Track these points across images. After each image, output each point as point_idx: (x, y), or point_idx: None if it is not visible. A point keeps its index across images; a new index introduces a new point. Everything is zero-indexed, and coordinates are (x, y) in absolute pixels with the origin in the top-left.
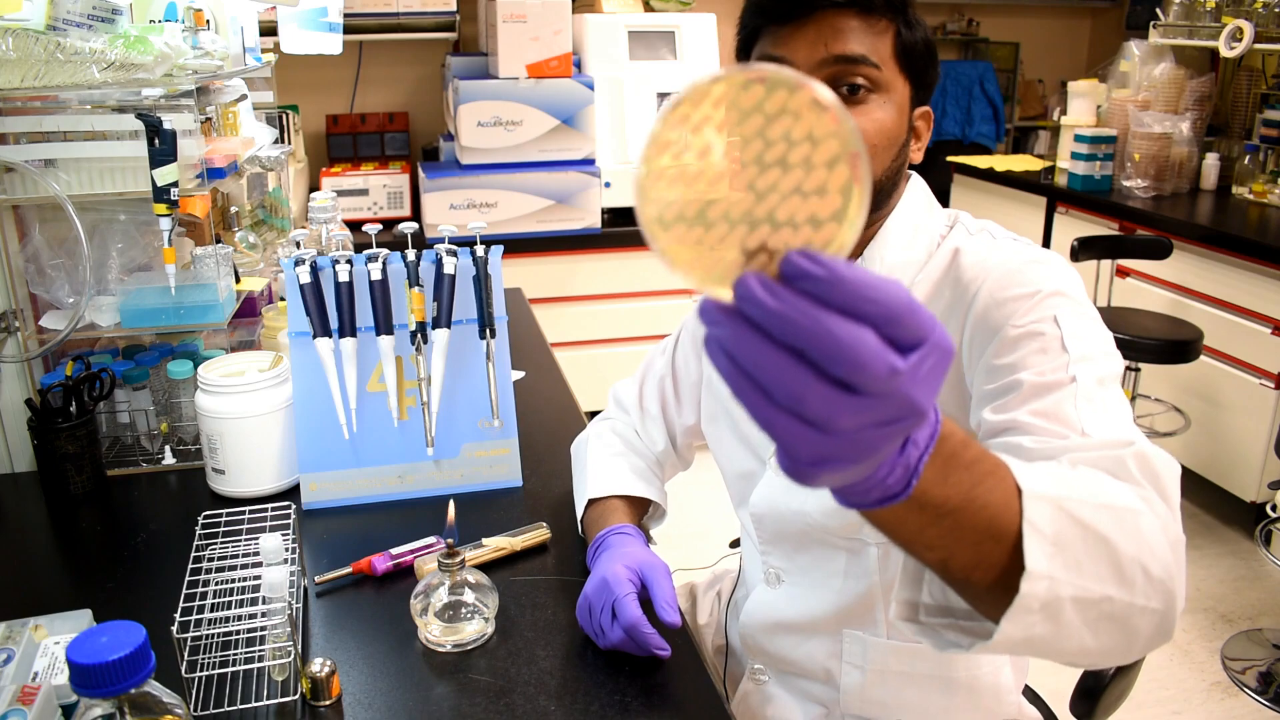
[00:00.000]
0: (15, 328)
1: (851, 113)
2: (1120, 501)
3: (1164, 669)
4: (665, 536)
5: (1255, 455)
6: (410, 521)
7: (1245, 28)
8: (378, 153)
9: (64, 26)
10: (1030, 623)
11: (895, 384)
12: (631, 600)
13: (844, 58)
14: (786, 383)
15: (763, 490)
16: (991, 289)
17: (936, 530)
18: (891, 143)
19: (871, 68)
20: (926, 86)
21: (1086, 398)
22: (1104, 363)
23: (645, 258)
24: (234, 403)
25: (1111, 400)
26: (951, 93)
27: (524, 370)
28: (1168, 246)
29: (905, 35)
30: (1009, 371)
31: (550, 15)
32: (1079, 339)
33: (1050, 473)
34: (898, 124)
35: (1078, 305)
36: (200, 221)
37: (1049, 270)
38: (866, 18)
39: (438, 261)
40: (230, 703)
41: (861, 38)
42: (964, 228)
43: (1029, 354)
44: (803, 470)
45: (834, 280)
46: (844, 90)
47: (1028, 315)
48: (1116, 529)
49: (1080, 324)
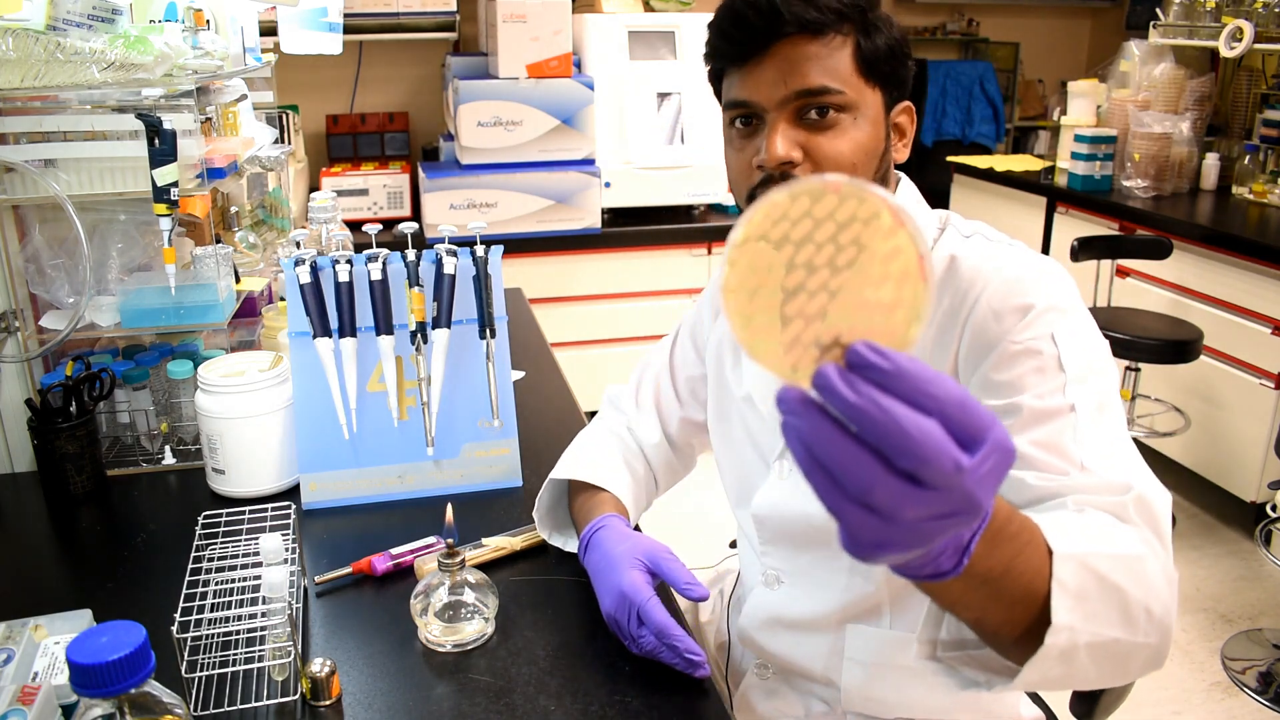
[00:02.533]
0: (15, 328)
1: (822, 138)
2: (1130, 550)
3: (1164, 669)
4: (666, 537)
5: (1255, 455)
6: (410, 521)
7: (1245, 28)
8: (378, 153)
9: (64, 26)
10: (1048, 667)
11: (959, 480)
12: (655, 605)
13: (804, 92)
14: (856, 473)
15: (767, 493)
16: (990, 299)
17: (977, 595)
18: (870, 155)
19: (834, 94)
20: (901, 84)
21: (1086, 426)
22: (1100, 381)
23: (645, 258)
24: (234, 403)
25: (1109, 427)
26: (951, 93)
27: (524, 370)
28: (1168, 246)
29: (866, 46)
30: (1008, 391)
31: (550, 15)
32: (1076, 357)
33: (1071, 525)
34: (873, 136)
35: (1075, 318)
36: (200, 221)
37: (1047, 282)
38: (821, 40)
39: (438, 261)
40: (230, 703)
41: (820, 65)
42: (956, 230)
43: (1027, 373)
44: (863, 552)
45: (898, 373)
46: (812, 116)
47: (1026, 331)
48: (1128, 577)
49: (1077, 340)
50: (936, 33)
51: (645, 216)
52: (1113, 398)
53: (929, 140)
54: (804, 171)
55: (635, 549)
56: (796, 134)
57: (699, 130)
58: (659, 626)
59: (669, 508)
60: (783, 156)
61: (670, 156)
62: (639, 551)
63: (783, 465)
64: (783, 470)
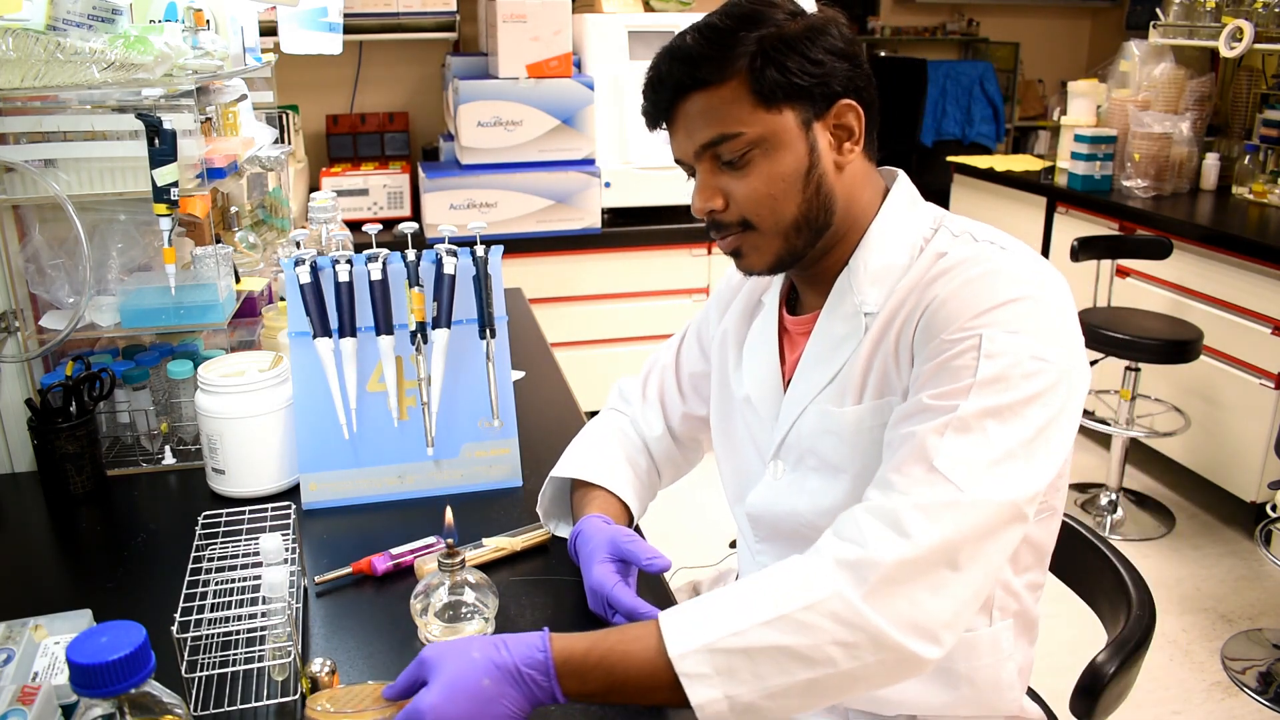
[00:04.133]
0: (15, 328)
1: (737, 182)
2: (803, 600)
3: (1164, 669)
4: (665, 536)
5: (1255, 455)
6: (410, 521)
7: (1245, 28)
8: (378, 153)
9: (64, 26)
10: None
11: None
12: (620, 588)
13: (705, 145)
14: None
15: (760, 491)
16: (945, 293)
17: (612, 699)
18: (792, 179)
19: (731, 139)
20: (825, 89)
21: (957, 429)
22: (1009, 391)
23: (645, 257)
24: (234, 403)
25: (988, 435)
26: (951, 93)
27: (524, 370)
28: (1168, 246)
29: (757, 79)
30: (918, 383)
31: (550, 15)
32: (996, 362)
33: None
34: (793, 160)
35: (1025, 323)
36: (200, 221)
37: (1006, 284)
38: (709, 90)
39: (438, 261)
40: (230, 703)
41: (712, 116)
42: (948, 231)
43: (939, 370)
44: None
45: None
46: (727, 160)
47: (959, 331)
48: (789, 634)
49: (1013, 344)
50: (936, 33)
51: (645, 216)
52: (1020, 408)
53: (929, 140)
54: (729, 216)
55: (601, 543)
56: (719, 180)
57: None
58: (628, 609)
59: (670, 507)
60: (700, 210)
61: (670, 156)
62: (603, 543)
63: (777, 466)
64: (777, 471)
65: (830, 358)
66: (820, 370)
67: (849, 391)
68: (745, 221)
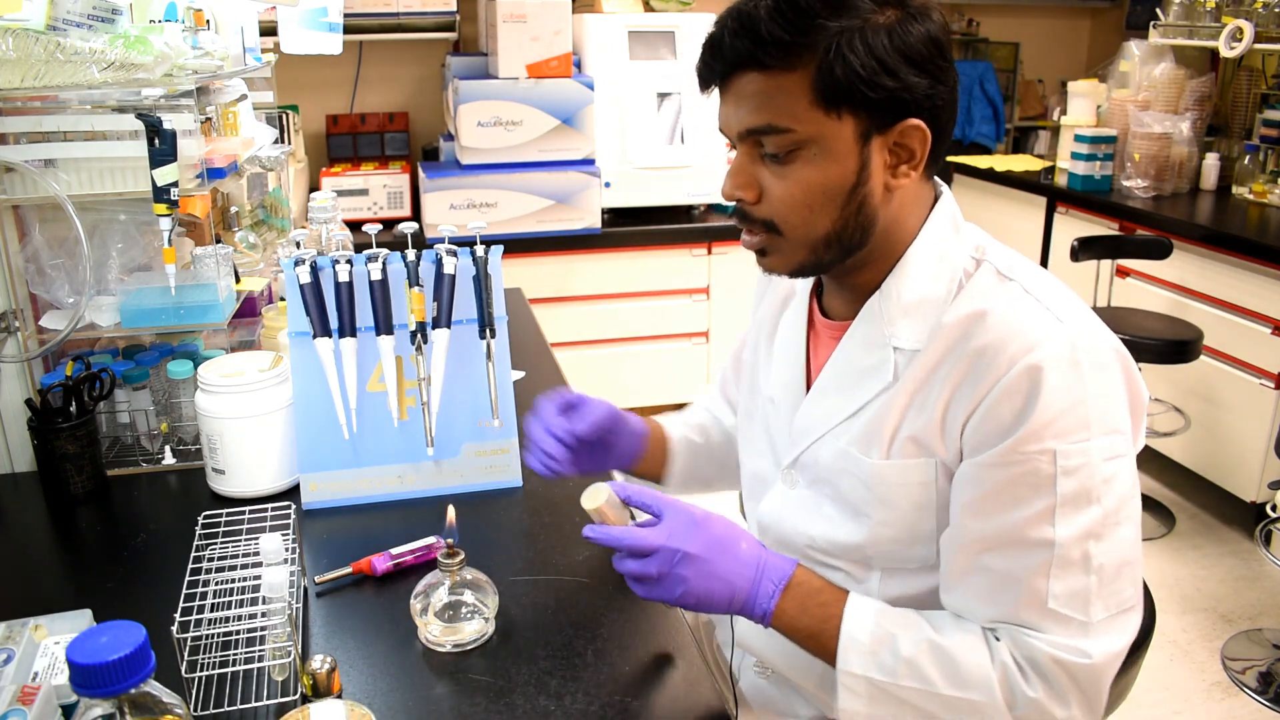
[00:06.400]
0: (15, 328)
1: (774, 179)
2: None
3: (1164, 669)
4: None
5: (1255, 455)
6: (410, 521)
7: (1245, 28)
8: (378, 153)
9: (64, 26)
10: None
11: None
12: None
13: (749, 130)
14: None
15: (772, 500)
16: (1005, 377)
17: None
18: (832, 194)
19: (778, 134)
20: (894, 102)
21: (1062, 565)
22: (1093, 509)
23: (645, 258)
24: (234, 403)
25: (1088, 573)
26: None
27: (524, 370)
28: (1168, 246)
29: (826, 75)
30: (993, 499)
31: (550, 15)
32: (1073, 478)
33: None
34: (840, 173)
35: (1095, 418)
36: (200, 221)
37: (1068, 374)
38: (768, 74)
39: (438, 261)
40: (230, 703)
41: (765, 102)
42: (992, 268)
43: (1018, 487)
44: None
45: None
46: (769, 152)
47: (1032, 441)
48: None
49: (1085, 449)
50: None
51: (645, 216)
52: (1108, 524)
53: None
54: (759, 211)
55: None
56: (757, 169)
57: (699, 130)
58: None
59: None
60: (729, 194)
61: (670, 156)
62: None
63: (792, 475)
64: (792, 480)
65: (853, 389)
66: (840, 399)
67: (877, 442)
68: (772, 224)
